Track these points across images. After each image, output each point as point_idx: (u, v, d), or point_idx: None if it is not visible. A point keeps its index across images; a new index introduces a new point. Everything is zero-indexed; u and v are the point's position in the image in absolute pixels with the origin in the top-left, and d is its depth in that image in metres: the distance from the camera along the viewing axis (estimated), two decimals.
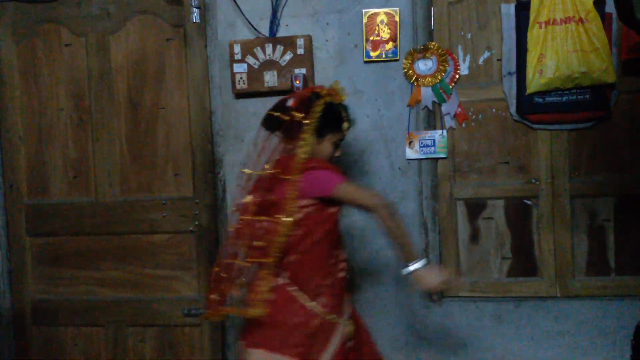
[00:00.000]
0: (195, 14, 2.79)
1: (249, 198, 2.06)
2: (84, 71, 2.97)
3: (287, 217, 1.96)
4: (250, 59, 2.70)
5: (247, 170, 2.11)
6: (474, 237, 2.69)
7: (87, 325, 3.05)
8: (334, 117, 2.09)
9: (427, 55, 2.62)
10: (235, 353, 2.85)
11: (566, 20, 2.45)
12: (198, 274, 2.93)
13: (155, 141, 2.94)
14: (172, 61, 2.90)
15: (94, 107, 2.98)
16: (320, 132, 2.05)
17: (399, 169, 2.68)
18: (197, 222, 2.90)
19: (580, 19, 2.44)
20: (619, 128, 2.56)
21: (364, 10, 2.65)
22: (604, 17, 2.45)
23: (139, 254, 2.98)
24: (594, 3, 2.45)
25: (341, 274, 2.07)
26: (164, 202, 2.93)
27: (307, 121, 2.01)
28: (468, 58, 2.67)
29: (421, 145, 2.66)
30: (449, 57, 2.63)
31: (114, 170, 2.98)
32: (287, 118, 2.03)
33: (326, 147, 2.08)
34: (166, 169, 2.94)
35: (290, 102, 2.06)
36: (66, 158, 3.03)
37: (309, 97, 2.07)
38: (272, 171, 2.04)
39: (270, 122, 2.10)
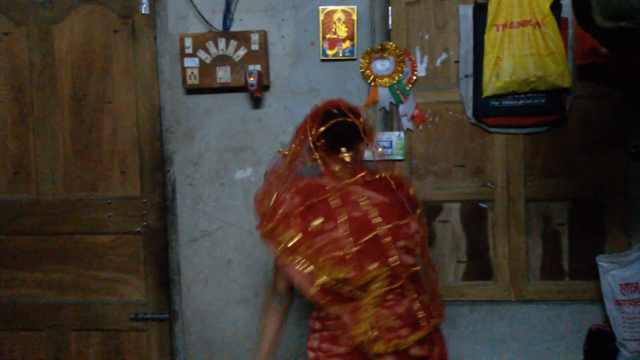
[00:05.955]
0: (144, 5, 2.68)
1: None
2: (25, 62, 2.80)
3: None
4: (202, 54, 2.59)
5: None
6: (430, 240, 2.66)
7: (26, 330, 2.89)
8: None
9: (384, 55, 2.57)
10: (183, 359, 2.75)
11: (523, 24, 2.43)
12: (145, 277, 2.81)
13: (100, 137, 2.80)
14: (119, 54, 2.76)
15: (35, 101, 2.82)
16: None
17: None
18: (144, 223, 2.78)
19: (537, 23, 2.42)
20: (574, 133, 2.56)
21: (320, 7, 2.58)
22: (560, 22, 2.45)
23: (83, 255, 2.84)
24: (551, 7, 2.43)
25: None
26: (109, 201, 2.80)
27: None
28: (425, 59, 2.63)
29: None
30: (407, 58, 2.59)
31: (57, 167, 2.82)
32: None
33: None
34: (112, 167, 2.80)
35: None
36: (5, 153, 2.85)
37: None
38: None
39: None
